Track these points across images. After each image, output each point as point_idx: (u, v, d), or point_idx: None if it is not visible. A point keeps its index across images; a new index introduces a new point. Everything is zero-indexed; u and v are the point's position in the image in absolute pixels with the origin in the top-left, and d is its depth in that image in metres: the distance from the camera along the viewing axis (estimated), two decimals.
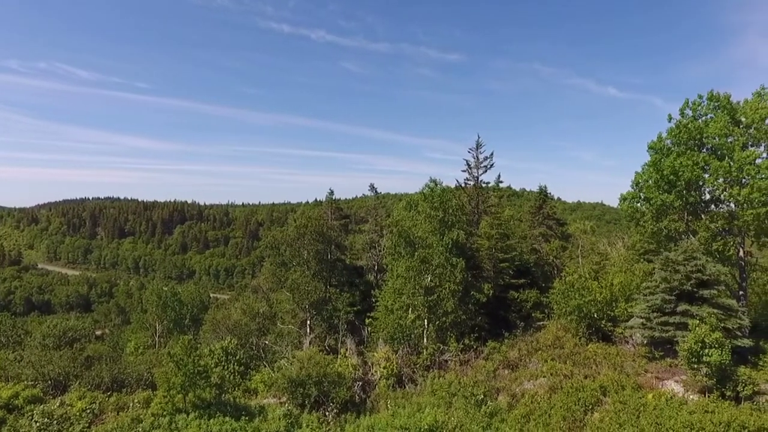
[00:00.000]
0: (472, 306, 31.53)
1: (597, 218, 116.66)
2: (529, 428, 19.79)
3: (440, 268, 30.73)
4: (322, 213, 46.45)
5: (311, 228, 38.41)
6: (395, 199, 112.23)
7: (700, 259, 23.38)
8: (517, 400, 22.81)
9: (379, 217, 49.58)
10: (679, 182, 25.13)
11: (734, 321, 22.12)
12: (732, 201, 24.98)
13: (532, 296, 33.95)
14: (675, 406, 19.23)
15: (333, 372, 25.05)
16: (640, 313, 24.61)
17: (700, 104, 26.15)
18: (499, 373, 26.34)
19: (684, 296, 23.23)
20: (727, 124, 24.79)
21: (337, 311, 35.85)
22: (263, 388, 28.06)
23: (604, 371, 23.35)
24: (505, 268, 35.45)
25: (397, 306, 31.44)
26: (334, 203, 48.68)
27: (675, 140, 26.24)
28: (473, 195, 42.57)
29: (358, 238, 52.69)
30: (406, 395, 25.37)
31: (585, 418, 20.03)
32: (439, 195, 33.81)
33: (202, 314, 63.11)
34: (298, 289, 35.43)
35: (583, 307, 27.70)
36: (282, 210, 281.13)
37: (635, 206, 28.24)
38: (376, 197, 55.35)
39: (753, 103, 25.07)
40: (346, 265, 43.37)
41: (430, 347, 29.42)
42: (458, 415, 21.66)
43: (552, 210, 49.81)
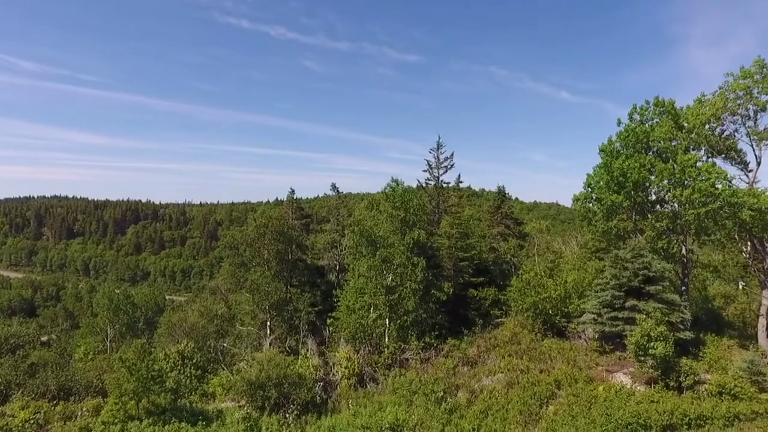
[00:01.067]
0: (433, 304, 31.94)
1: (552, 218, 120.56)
2: (487, 423, 20.23)
3: (401, 268, 30.97)
4: (283, 212, 45.90)
5: (272, 228, 37.87)
6: (357, 199, 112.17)
7: (646, 256, 24.58)
8: (476, 396, 23.28)
9: (341, 216, 49.43)
10: (628, 183, 26.29)
11: (677, 315, 23.40)
12: (675, 201, 26.34)
13: (491, 294, 34.72)
14: (624, 397, 20.16)
15: (294, 373, 24.79)
16: (592, 309, 25.63)
17: (646, 109, 27.46)
18: (458, 370, 26.79)
19: (632, 292, 24.37)
20: (671, 129, 26.17)
21: (298, 312, 35.49)
22: (221, 392, 27.45)
23: (559, 366, 24.17)
24: (465, 267, 36.10)
25: (359, 305, 31.48)
26: (296, 202, 48.16)
27: (624, 143, 27.44)
28: (434, 195, 43.12)
29: (319, 237, 52.33)
30: (367, 394, 25.42)
31: (540, 412, 20.69)
32: (400, 195, 34.05)
33: (157, 317, 61.17)
34: (258, 290, 34.86)
35: (538, 304, 28.61)
36: (241, 209, 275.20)
37: (587, 206, 29.38)
38: (338, 197, 55.14)
39: (694, 109, 26.57)
40: (308, 265, 43.01)
41: (392, 346, 29.60)
42: (419, 412, 21.90)
43: (510, 210, 51.14)
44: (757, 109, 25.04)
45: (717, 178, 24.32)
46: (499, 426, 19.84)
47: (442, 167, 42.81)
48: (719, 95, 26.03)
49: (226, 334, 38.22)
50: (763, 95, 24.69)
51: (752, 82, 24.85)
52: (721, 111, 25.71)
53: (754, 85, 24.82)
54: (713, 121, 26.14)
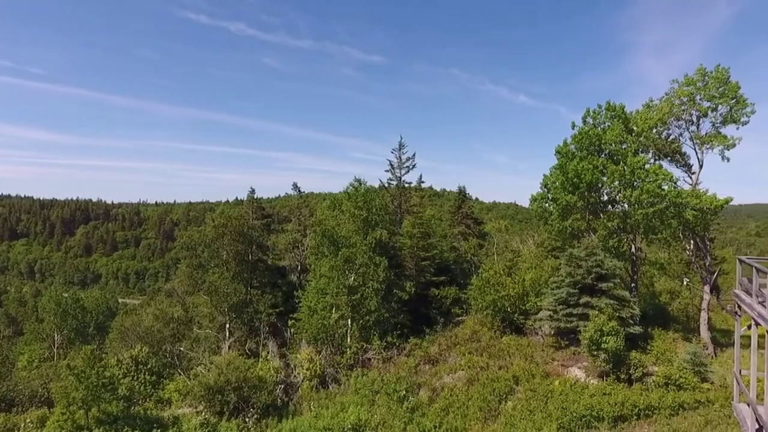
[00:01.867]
0: (395, 304, 32.10)
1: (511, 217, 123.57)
2: (448, 420, 20.50)
3: (364, 267, 30.96)
4: (243, 212, 44.98)
5: (231, 228, 37.01)
6: (319, 198, 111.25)
7: (599, 255, 25.57)
8: (437, 394, 23.56)
9: (303, 216, 48.97)
10: (582, 184, 27.26)
11: (627, 310, 24.47)
12: (625, 201, 27.53)
13: (452, 293, 35.23)
14: (578, 391, 20.91)
15: (254, 376, 24.32)
16: (548, 306, 26.45)
17: (599, 113, 28.55)
18: (420, 368, 27.03)
19: (586, 289, 25.30)
20: (622, 132, 27.33)
21: (258, 313, 34.87)
22: (178, 398, 26.61)
23: (517, 362, 24.79)
24: (427, 266, 36.47)
25: (321, 306, 31.24)
26: (256, 202, 47.31)
27: (578, 145, 28.44)
28: (396, 195, 43.39)
29: (281, 237, 51.63)
30: (329, 395, 25.26)
31: (499, 407, 21.16)
32: (363, 195, 34.03)
33: (108, 321, 58.79)
34: (217, 292, 34.01)
35: (497, 302, 29.26)
36: (199, 209, 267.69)
37: (544, 206, 30.27)
38: (300, 196, 54.60)
39: (643, 113, 27.86)
40: (269, 265, 42.34)
41: (354, 346, 29.54)
42: (381, 412, 21.95)
43: (470, 210, 52.04)
44: (700, 114, 26.51)
45: (663, 180, 25.60)
46: (460, 423, 20.14)
47: (404, 167, 43.17)
48: (665, 101, 27.40)
49: (183, 337, 37.09)
50: (704, 102, 26.15)
51: (695, 89, 26.29)
52: (667, 116, 27.07)
53: (696, 92, 26.26)
54: (660, 125, 27.51)
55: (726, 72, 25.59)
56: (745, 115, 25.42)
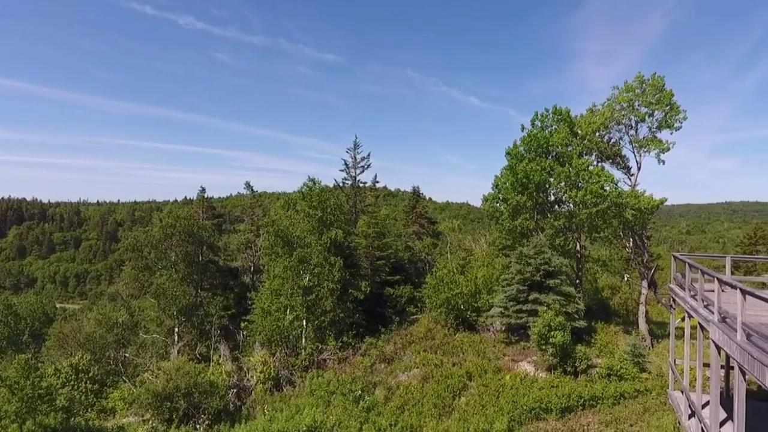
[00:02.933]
0: (351, 304, 32.07)
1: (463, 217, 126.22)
2: (404, 418, 20.71)
3: (319, 268, 30.73)
4: (193, 212, 43.59)
5: (180, 228, 35.79)
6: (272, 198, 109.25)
7: (547, 252, 26.59)
8: (393, 393, 23.73)
9: (256, 216, 48.04)
10: (531, 185, 28.24)
11: (573, 306, 25.58)
12: (571, 202, 28.72)
13: (407, 292, 35.59)
14: (528, 384, 21.66)
15: (205, 381, 23.61)
16: (499, 303, 27.25)
17: (546, 116, 29.66)
18: (376, 367, 27.15)
19: (534, 286, 26.25)
20: (568, 135, 28.52)
21: (209, 316, 33.89)
22: (122, 406, 25.45)
23: (470, 358, 25.37)
24: (382, 266, 36.66)
25: (275, 307, 30.76)
26: (206, 201, 46.02)
27: (527, 147, 29.44)
28: (351, 194, 43.38)
29: (233, 238, 50.48)
30: (284, 398, 24.91)
31: (453, 403, 21.59)
32: (317, 194, 33.76)
33: (45, 328, 55.34)
34: (165, 295, 32.78)
35: (451, 300, 29.82)
36: (145, 209, 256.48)
37: (495, 206, 31.12)
38: (253, 196, 53.54)
39: (586, 118, 29.19)
40: (220, 266, 41.30)
41: (309, 347, 29.28)
42: (337, 412, 21.87)
43: (424, 209, 52.81)
44: (638, 119, 28.04)
45: (605, 181, 26.93)
46: (415, 420, 20.40)
47: (359, 167, 43.26)
48: (607, 106, 28.80)
49: (128, 343, 35.48)
50: (642, 107, 27.68)
51: (634, 95, 27.79)
52: (608, 120, 28.46)
53: (635, 98, 27.77)
54: (602, 129, 28.87)
55: (661, 80, 27.22)
56: (678, 121, 27.11)
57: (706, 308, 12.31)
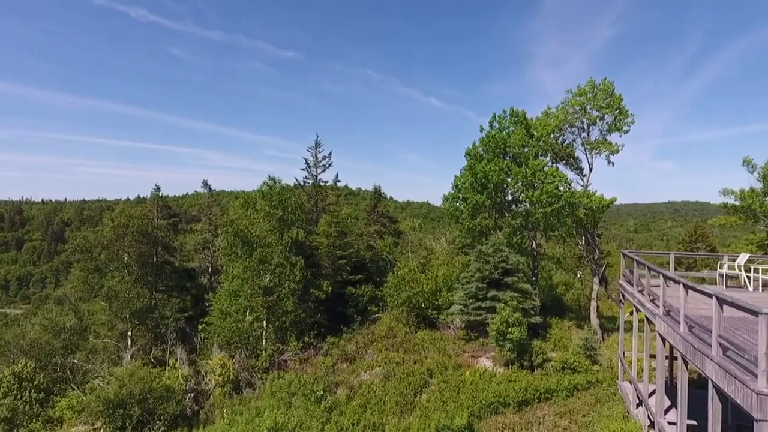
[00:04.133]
0: (312, 303, 31.84)
1: (424, 216, 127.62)
2: (366, 417, 20.77)
3: (280, 268, 30.35)
4: (147, 211, 42.04)
5: (133, 228, 34.43)
6: (231, 197, 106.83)
7: (504, 251, 27.32)
8: (354, 392, 23.76)
9: (214, 215, 46.96)
10: (489, 185, 28.93)
11: (529, 302, 26.41)
12: (527, 201, 29.61)
13: (368, 291, 35.68)
14: (486, 379, 22.20)
15: (160, 386, 22.85)
16: (459, 301, 27.77)
17: (504, 118, 30.46)
18: (338, 367, 27.09)
19: (493, 283, 26.92)
20: (524, 137, 29.40)
21: (164, 319, 32.81)
22: (71, 415, 24.28)
23: (431, 355, 25.74)
24: (343, 265, 36.59)
25: (234, 308, 30.15)
26: (161, 200, 44.45)
27: (486, 148, 30.14)
28: (312, 193, 43.05)
29: (189, 238, 49.12)
30: (243, 401, 24.46)
31: (415, 400, 21.85)
32: (278, 193, 33.31)
33: None
34: (117, 297, 31.49)
35: (412, 298, 30.13)
36: (95, 208, 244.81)
37: (455, 205, 31.67)
38: (210, 194, 52.28)
39: (542, 120, 30.19)
40: (176, 267, 40.04)
41: (270, 348, 28.87)
42: (298, 413, 21.68)
43: (385, 208, 53.10)
44: (590, 122, 29.26)
45: (560, 182, 27.97)
46: (377, 418, 20.50)
47: (321, 166, 42.99)
48: (561, 109, 29.90)
49: (77, 348, 33.78)
50: (594, 111, 28.90)
51: (586, 99, 28.98)
52: (562, 123, 29.57)
53: (587, 102, 28.95)
54: (557, 131, 29.97)
55: (611, 85, 28.51)
56: (627, 125, 28.50)
57: (652, 303, 13.03)
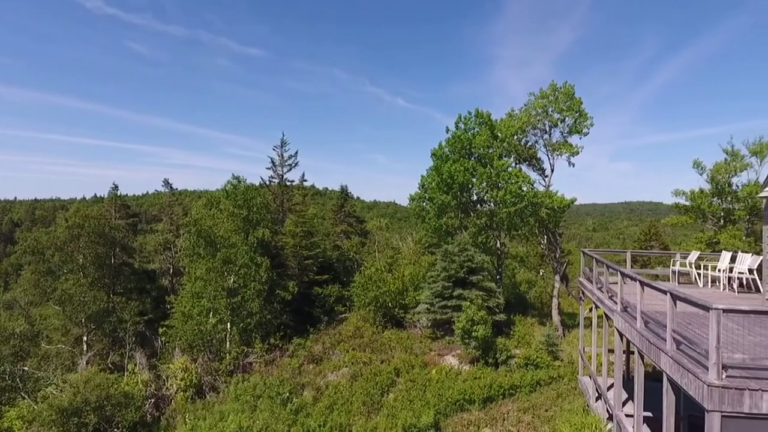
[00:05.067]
0: (278, 304, 31.42)
1: (390, 216, 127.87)
2: (333, 418, 20.66)
3: (244, 268, 29.80)
4: (104, 211, 40.58)
5: (89, 228, 33.10)
6: (194, 196, 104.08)
7: (470, 250, 27.73)
8: (321, 393, 23.59)
9: (175, 215, 45.69)
10: (455, 185, 29.30)
11: (494, 300, 26.92)
12: (492, 201, 30.18)
13: (335, 291, 35.51)
14: (452, 377, 22.48)
15: (118, 393, 22.03)
16: (425, 300, 28.02)
17: (469, 119, 30.90)
18: (304, 368, 26.83)
19: (459, 282, 27.27)
20: (489, 138, 29.93)
21: (123, 323, 31.65)
22: (21, 426, 23.08)
23: (398, 354, 25.85)
24: (310, 265, 36.30)
25: (197, 311, 29.38)
26: (119, 199, 43.02)
27: (451, 149, 30.51)
28: (278, 193, 42.50)
29: (149, 238, 47.67)
30: (207, 405, 23.88)
31: (382, 400, 21.88)
32: (242, 192, 32.72)
33: None
34: (71, 301, 30.19)
35: (379, 298, 30.19)
36: (48, 207, 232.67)
37: (421, 205, 31.94)
38: (172, 193, 50.85)
39: (505, 121, 30.80)
40: (135, 269, 38.78)
41: (234, 351, 28.30)
42: (264, 416, 21.34)
43: (352, 208, 52.97)
44: (551, 124, 30.09)
45: (523, 182, 28.62)
46: (344, 419, 20.42)
47: (287, 165, 42.51)
48: (524, 111, 30.60)
49: (28, 355, 32.14)
50: (555, 113, 29.72)
51: (548, 102, 29.76)
52: (525, 124, 30.26)
53: (549, 104, 29.74)
54: (520, 132, 30.63)
55: (572, 88, 29.38)
56: (586, 127, 29.44)
57: (610, 299, 13.51)
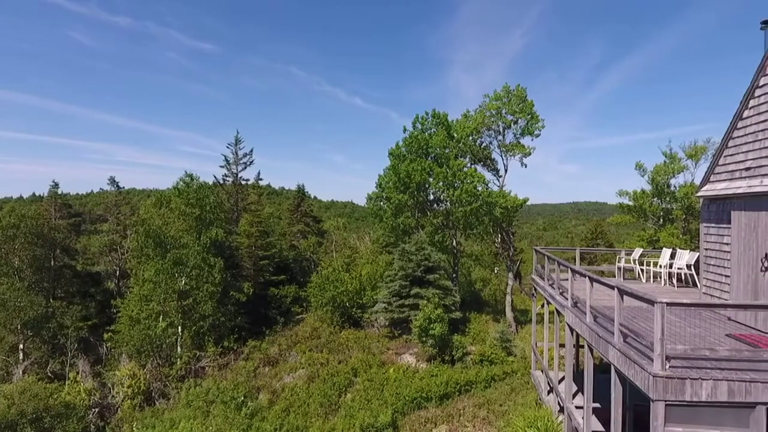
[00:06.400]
0: (232, 306, 30.65)
1: (348, 215, 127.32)
2: (289, 420, 20.34)
3: (197, 270, 28.85)
4: (43, 210, 38.24)
5: (25, 229, 31.12)
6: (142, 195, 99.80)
7: (427, 249, 28.01)
8: (277, 396, 23.18)
9: (122, 215, 43.68)
10: (412, 184, 29.53)
11: (450, 298, 27.30)
12: (448, 201, 30.62)
13: (292, 291, 35.01)
14: (410, 375, 22.61)
15: (58, 403, 20.79)
16: (383, 299, 28.06)
17: (426, 120, 31.23)
18: (260, 371, 26.28)
19: (416, 281, 27.49)
20: (445, 138, 30.35)
21: (64, 329, 29.95)
22: None
23: (355, 354, 25.75)
24: (266, 266, 35.63)
25: (145, 314, 28.17)
26: (60, 198, 40.69)
27: (409, 148, 30.72)
28: (233, 192, 41.49)
29: (94, 239, 45.38)
30: (156, 413, 22.95)
31: (339, 400, 21.74)
32: (195, 191, 31.70)
33: None
34: (5, 306, 28.26)
35: (336, 298, 29.99)
36: None
37: (379, 204, 31.97)
38: (119, 192, 48.60)
39: (461, 122, 31.34)
40: (78, 272, 36.79)
41: (185, 355, 27.35)
42: (217, 422, 20.74)
43: (309, 208, 52.42)
44: (505, 126, 30.86)
45: (478, 182, 29.21)
46: (301, 421, 20.15)
47: (241, 163, 41.55)
48: (479, 113, 31.22)
49: None
50: (508, 115, 30.51)
51: (501, 104, 30.50)
52: (480, 126, 30.89)
53: (502, 106, 30.49)
54: (475, 133, 31.23)
55: (524, 91, 30.25)
56: (538, 129, 30.38)
57: (561, 295, 13.97)
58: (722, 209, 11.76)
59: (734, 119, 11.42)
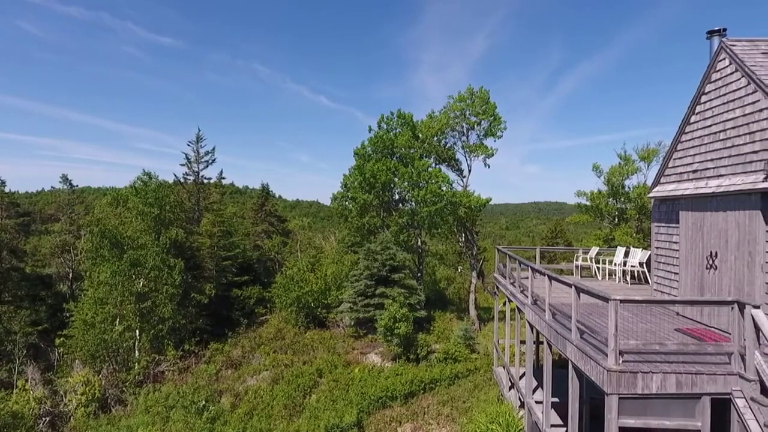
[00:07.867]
0: (193, 308, 29.90)
1: (313, 215, 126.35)
2: (252, 424, 20.02)
3: (156, 271, 27.96)
4: None
5: None
6: (97, 194, 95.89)
7: (392, 248, 28.13)
8: (240, 399, 22.76)
9: (76, 214, 41.85)
10: (377, 184, 29.58)
11: (415, 297, 27.52)
12: (413, 200, 30.83)
13: (255, 292, 34.44)
14: (375, 375, 22.66)
15: (5, 412, 19.72)
16: (348, 299, 28.02)
17: (391, 120, 31.36)
18: (222, 374, 25.73)
19: (381, 280, 27.57)
20: (410, 138, 30.56)
21: (11, 334, 28.43)
22: None
23: (320, 355, 25.60)
24: (228, 266, 34.91)
25: (100, 318, 27.09)
26: (7, 197, 38.53)
27: (374, 148, 30.78)
28: (194, 191, 40.39)
29: (45, 240, 43.40)
30: (112, 420, 22.10)
31: (304, 402, 21.55)
32: (153, 190, 30.71)
33: None
34: None
35: (301, 298, 29.72)
36: None
37: (344, 204, 31.89)
38: (72, 191, 46.49)
39: (426, 123, 31.64)
40: (27, 274, 35.05)
41: (144, 360, 26.46)
42: (177, 428, 20.19)
43: (274, 207, 51.66)
44: (469, 127, 31.33)
45: (443, 182, 29.54)
46: (265, 424, 19.86)
47: (203, 162, 40.51)
48: (444, 113, 31.58)
49: None
50: (472, 116, 31.00)
51: (465, 105, 30.95)
52: (445, 126, 31.25)
53: (466, 107, 30.95)
54: (439, 134, 31.58)
55: (487, 93, 30.81)
56: (500, 130, 31.00)
57: (522, 293, 14.33)
58: (671, 209, 12.34)
59: (682, 124, 12.01)
